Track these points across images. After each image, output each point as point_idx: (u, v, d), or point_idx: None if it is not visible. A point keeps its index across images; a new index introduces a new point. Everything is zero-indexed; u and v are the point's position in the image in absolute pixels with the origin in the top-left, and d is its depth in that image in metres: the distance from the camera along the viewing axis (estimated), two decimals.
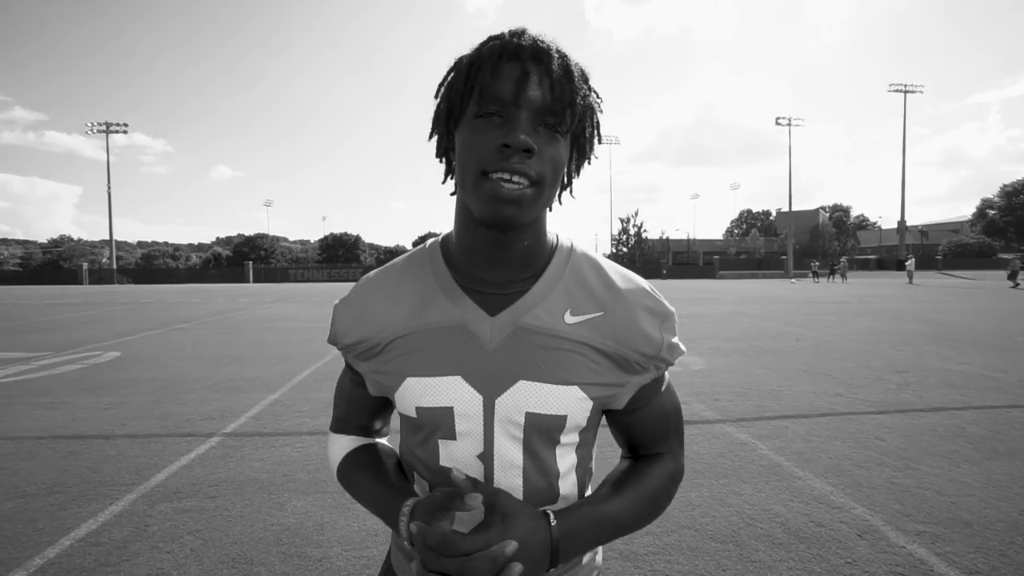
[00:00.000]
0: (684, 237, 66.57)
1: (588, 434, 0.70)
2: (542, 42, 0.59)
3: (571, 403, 0.63)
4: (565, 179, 0.66)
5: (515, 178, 0.56)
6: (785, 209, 56.66)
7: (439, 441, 0.65)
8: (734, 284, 29.72)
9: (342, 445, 0.77)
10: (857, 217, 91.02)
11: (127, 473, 3.11)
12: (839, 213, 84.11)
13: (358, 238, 64.35)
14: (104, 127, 48.54)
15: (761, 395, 4.80)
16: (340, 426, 0.79)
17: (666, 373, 0.71)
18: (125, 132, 49.44)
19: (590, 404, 0.65)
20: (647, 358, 0.66)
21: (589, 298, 0.66)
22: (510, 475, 0.65)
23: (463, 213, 0.64)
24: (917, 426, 3.85)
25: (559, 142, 0.60)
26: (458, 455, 0.65)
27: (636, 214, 54.57)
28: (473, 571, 0.52)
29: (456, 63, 0.62)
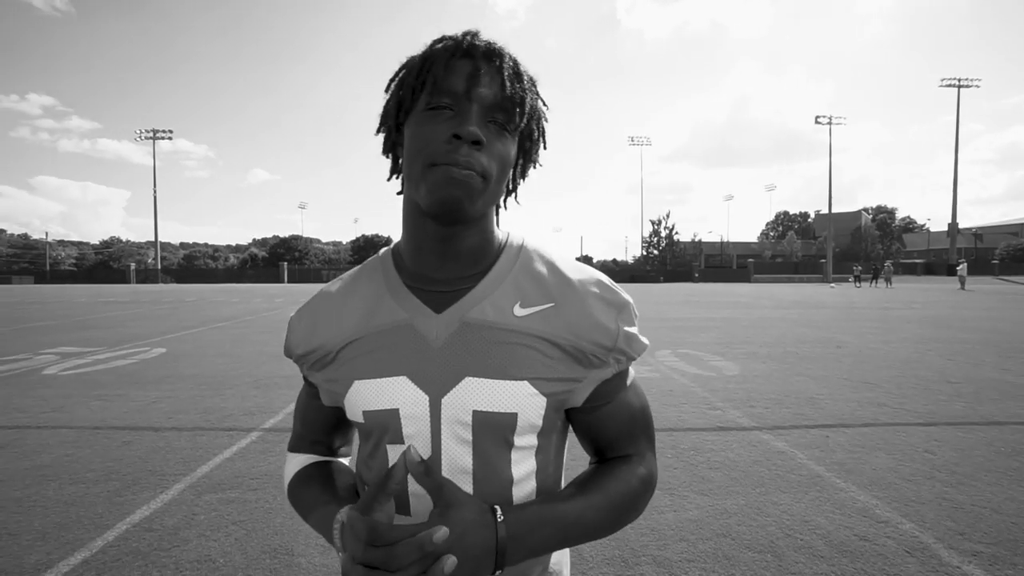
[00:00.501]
0: (717, 240, 65.06)
1: (548, 438, 0.65)
2: (494, 44, 0.60)
3: (521, 399, 0.60)
4: (510, 183, 0.66)
5: (463, 172, 0.55)
6: (824, 211, 54.59)
7: (387, 447, 0.63)
8: (770, 288, 28.83)
9: (296, 463, 0.74)
10: (903, 219, 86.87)
11: (175, 464, 3.27)
12: (883, 215, 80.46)
13: (389, 239, 65.42)
14: (151, 134, 51.16)
15: (799, 403, 4.64)
16: (297, 444, 0.76)
17: (630, 369, 0.68)
18: (170, 138, 52.04)
19: (543, 401, 0.61)
20: (604, 350, 0.62)
21: (540, 290, 0.63)
22: (459, 481, 0.61)
23: (410, 210, 0.63)
24: (971, 440, 3.64)
25: (507, 140, 0.60)
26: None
27: (667, 216, 53.80)
28: (398, 560, 0.48)
29: (408, 60, 0.62)
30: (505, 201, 0.68)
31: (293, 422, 0.78)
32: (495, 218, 0.67)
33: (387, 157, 0.66)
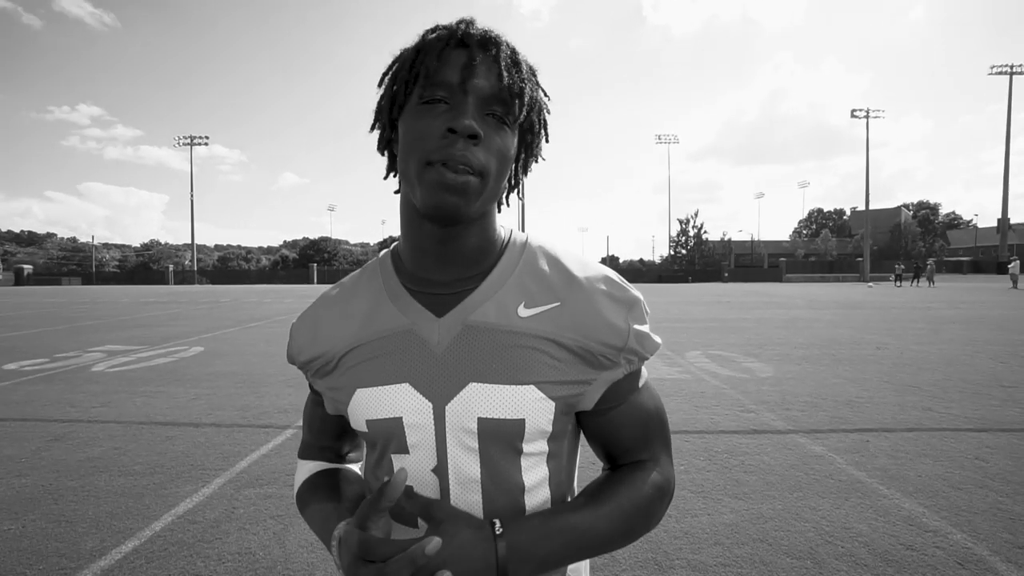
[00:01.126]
0: (747, 238, 63.45)
1: (559, 443, 0.63)
2: (490, 32, 0.57)
3: (528, 405, 0.57)
4: (512, 178, 0.63)
5: (459, 167, 0.52)
6: (861, 208, 52.54)
7: (392, 457, 0.61)
8: (803, 288, 27.94)
9: (305, 471, 0.72)
10: (947, 215, 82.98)
11: (215, 459, 3.39)
12: (925, 211, 77.02)
13: None
14: (189, 140, 53.24)
15: (837, 405, 4.48)
16: (306, 451, 0.74)
17: (643, 369, 0.65)
18: (206, 144, 54.07)
19: (552, 405, 0.58)
20: (615, 350, 0.59)
21: (545, 289, 0.60)
22: (468, 491, 0.59)
23: (408, 210, 0.61)
24: None
25: (507, 133, 0.57)
26: (411, 470, 0.60)
27: (696, 215, 52.84)
28: (390, 575, 0.47)
29: (401, 52, 0.59)
30: (507, 197, 0.65)
31: (302, 429, 0.76)
32: (495, 216, 0.64)
33: (383, 155, 0.63)
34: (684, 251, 51.99)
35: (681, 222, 52.80)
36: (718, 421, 4.11)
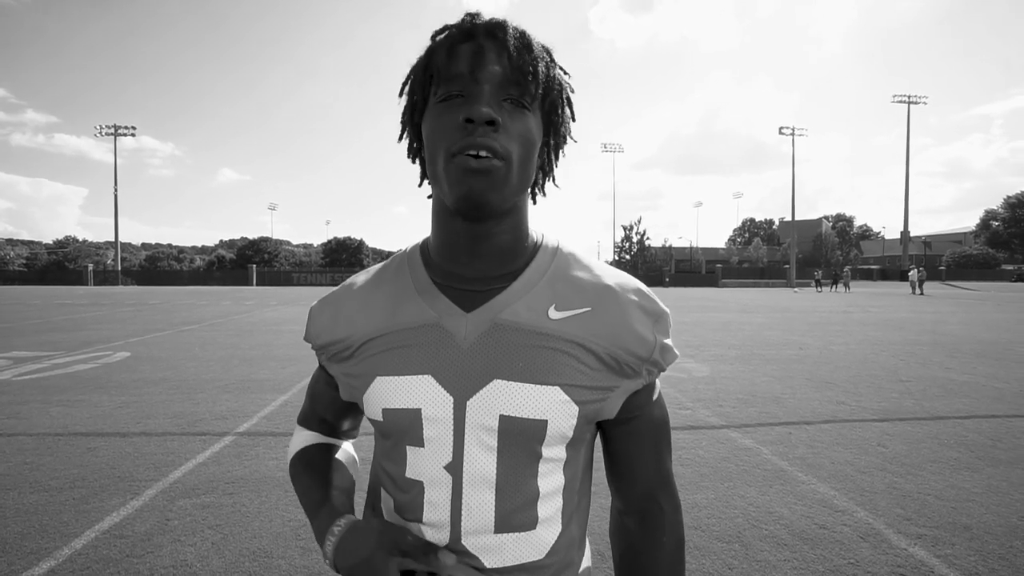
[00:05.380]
0: (687, 245, 66.69)
1: (577, 451, 0.62)
2: (496, 19, 0.57)
3: (552, 406, 0.56)
4: (545, 165, 0.63)
5: (481, 153, 0.52)
6: (788, 218, 56.72)
7: (407, 448, 0.60)
8: (737, 293, 29.75)
9: (302, 439, 0.74)
10: (860, 227, 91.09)
11: (145, 469, 3.18)
12: (842, 223, 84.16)
13: (361, 242, 64.63)
14: (112, 129, 49.03)
15: (765, 402, 4.86)
16: (305, 420, 0.76)
17: (657, 381, 0.65)
18: (133, 135, 49.94)
19: (575, 410, 0.58)
20: (639, 360, 0.59)
21: (576, 294, 0.60)
22: (480, 492, 0.58)
23: (439, 209, 0.61)
24: (919, 434, 3.90)
25: (527, 117, 0.56)
26: (424, 465, 0.59)
27: (639, 221, 54.78)
28: None
29: (416, 62, 0.60)
30: (543, 187, 0.65)
31: (305, 397, 0.77)
32: (527, 213, 0.64)
33: (413, 163, 0.64)
34: (628, 256, 53.86)
35: (625, 229, 54.69)
36: None
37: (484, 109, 0.52)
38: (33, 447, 3.57)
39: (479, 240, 0.59)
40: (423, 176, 0.64)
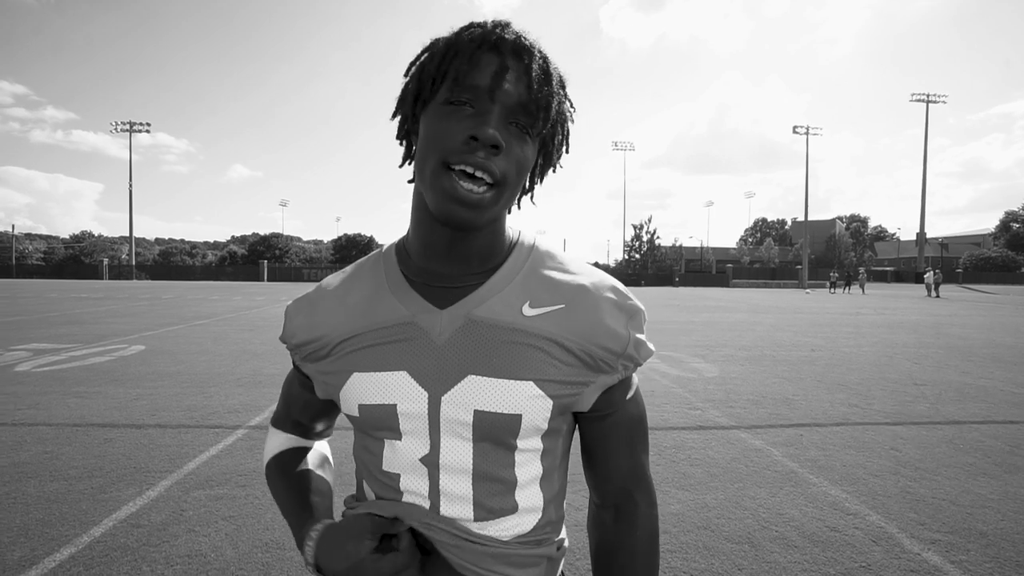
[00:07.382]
0: (697, 245, 66.18)
1: (554, 440, 0.63)
2: (525, 39, 0.56)
3: (526, 401, 0.57)
4: (527, 183, 0.64)
5: (477, 173, 0.52)
6: (801, 219, 56.04)
7: (384, 442, 0.62)
8: (747, 293, 29.48)
9: (277, 443, 0.75)
10: (875, 228, 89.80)
11: (160, 461, 3.24)
12: (856, 224, 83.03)
13: (371, 239, 64.87)
14: (128, 126, 49.77)
15: (776, 403, 4.82)
16: (279, 422, 0.76)
17: (634, 377, 0.66)
18: (148, 131, 50.64)
19: (549, 404, 0.59)
20: (614, 355, 0.60)
21: (550, 291, 0.61)
22: (458, 482, 0.59)
23: (420, 204, 0.61)
24: (933, 438, 3.85)
25: (527, 144, 0.57)
26: (400, 458, 0.61)
27: (649, 221, 54.46)
28: None
29: (432, 43, 0.58)
30: (520, 201, 0.66)
31: (279, 400, 0.77)
32: (505, 216, 0.65)
33: (400, 144, 0.63)
34: (638, 255, 53.57)
35: (635, 227, 54.40)
36: (667, 418, 4.33)
37: (492, 132, 0.52)
38: (53, 436, 3.65)
39: (457, 243, 0.60)
40: (406, 158, 0.63)
